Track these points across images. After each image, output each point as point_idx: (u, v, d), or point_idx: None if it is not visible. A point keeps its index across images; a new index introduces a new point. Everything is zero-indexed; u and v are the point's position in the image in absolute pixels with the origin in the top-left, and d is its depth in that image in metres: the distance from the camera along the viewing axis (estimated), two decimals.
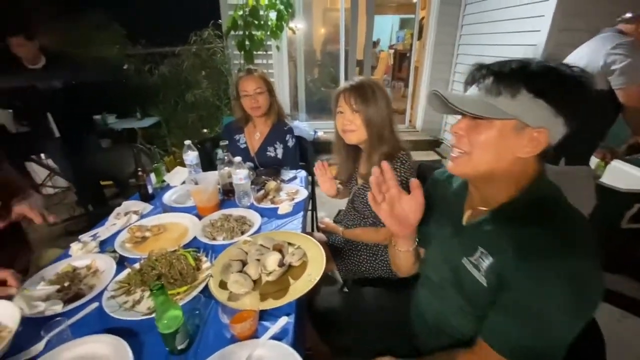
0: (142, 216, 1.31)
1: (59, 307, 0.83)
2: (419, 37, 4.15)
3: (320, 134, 3.86)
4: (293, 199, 1.39)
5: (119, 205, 1.38)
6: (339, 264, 1.36)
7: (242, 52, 3.27)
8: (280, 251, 0.98)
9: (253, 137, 1.74)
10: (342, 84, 1.22)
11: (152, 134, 3.92)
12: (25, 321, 0.77)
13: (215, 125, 3.87)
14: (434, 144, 4.05)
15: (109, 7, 3.89)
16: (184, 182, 1.59)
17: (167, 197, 1.43)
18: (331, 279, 1.78)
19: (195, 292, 0.88)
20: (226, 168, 1.41)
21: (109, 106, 3.71)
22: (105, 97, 3.51)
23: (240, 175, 1.29)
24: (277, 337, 0.75)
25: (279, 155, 1.72)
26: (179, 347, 0.72)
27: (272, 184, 1.45)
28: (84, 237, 1.14)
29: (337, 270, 1.37)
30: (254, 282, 0.91)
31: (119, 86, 3.75)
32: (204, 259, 1.01)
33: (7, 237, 0.96)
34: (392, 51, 7.24)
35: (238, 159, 1.30)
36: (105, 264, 1.01)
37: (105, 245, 1.13)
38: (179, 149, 3.77)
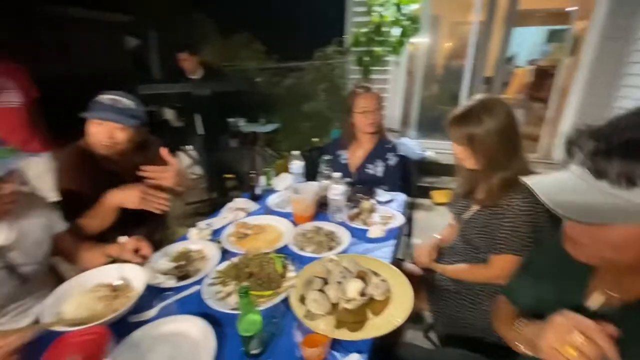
0: (249, 214, 1.45)
1: (172, 282, 0.98)
2: (572, 53, 3.45)
3: (429, 153, 3.61)
4: (387, 223, 1.32)
5: (238, 196, 1.59)
6: (432, 304, 1.21)
7: (361, 68, 3.36)
8: (363, 279, 0.93)
9: (355, 153, 1.75)
10: (461, 103, 1.11)
11: (271, 139, 4.40)
12: (147, 288, 0.94)
13: (325, 136, 4.08)
14: None
15: (254, 29, 4.59)
16: (286, 188, 1.71)
17: (271, 200, 1.56)
18: (418, 317, 1.61)
19: (277, 299, 0.91)
20: (325, 181, 1.45)
21: (241, 111, 4.35)
22: (239, 104, 4.13)
23: (337, 191, 1.30)
24: None
25: (379, 173, 1.67)
26: (252, 352, 0.75)
27: (366, 204, 1.41)
28: (201, 224, 1.33)
29: (429, 311, 1.23)
30: (333, 305, 0.88)
31: (252, 95, 4.36)
32: (290, 267, 1.04)
33: (150, 213, 1.19)
34: (531, 67, 6.25)
35: (337, 174, 1.31)
36: (212, 252, 1.15)
37: (215, 235, 1.29)
38: (289, 154, 4.12)
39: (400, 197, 1.57)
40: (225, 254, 1.15)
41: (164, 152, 1.25)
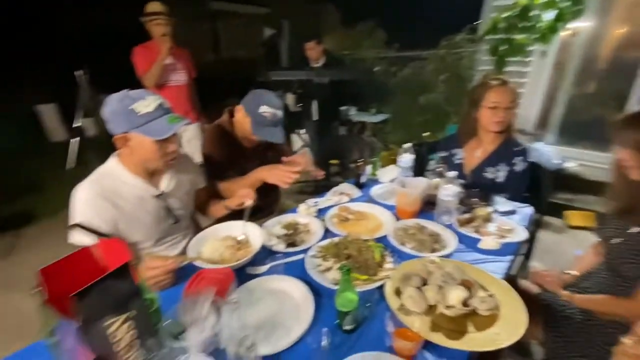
0: (351, 200, 1.50)
1: (282, 247, 1.11)
2: None
3: (570, 164, 2.98)
4: (504, 236, 1.17)
5: (338, 182, 1.67)
6: (548, 333, 1.04)
7: (495, 58, 2.97)
8: (468, 289, 0.86)
9: (473, 153, 1.56)
10: (630, 105, 0.90)
11: (378, 129, 4.37)
12: (262, 247, 1.08)
13: (438, 131, 3.81)
14: None
15: (378, 17, 4.54)
16: (392, 180, 1.69)
17: (375, 190, 1.57)
18: (524, 347, 1.40)
19: (371, 286, 0.93)
20: (436, 179, 1.37)
21: (354, 100, 4.42)
22: (354, 92, 4.20)
23: (449, 192, 1.21)
24: None
25: (499, 179, 1.47)
26: (345, 327, 0.79)
27: (481, 211, 1.27)
28: (309, 201, 1.45)
29: (542, 344, 1.06)
30: (429, 307, 0.85)
31: (367, 84, 4.38)
32: (388, 259, 1.05)
33: (271, 186, 1.38)
34: None
35: (453, 173, 1.22)
36: (317, 227, 1.24)
37: (320, 213, 1.38)
38: (396, 146, 4.02)
39: (526, 210, 1.36)
40: (327, 232, 1.22)
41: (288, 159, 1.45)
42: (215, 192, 1.44)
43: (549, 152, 2.95)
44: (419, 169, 1.74)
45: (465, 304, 0.83)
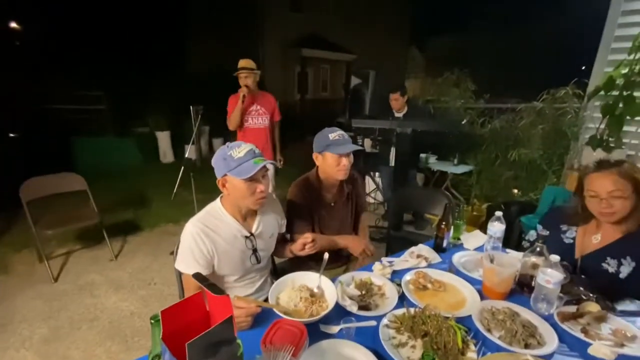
0: (429, 265, 1.42)
1: (355, 309, 1.10)
2: None
3: None
4: (622, 344, 0.96)
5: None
6: None
7: (607, 117, 2.62)
8: None
9: (590, 237, 1.32)
10: None
11: (460, 181, 4.12)
12: (336, 305, 1.09)
13: (531, 190, 3.43)
14: None
15: (467, 66, 4.46)
16: (477, 248, 1.56)
17: (457, 258, 1.46)
18: None
19: None
20: (533, 258, 1.22)
21: (434, 147, 4.29)
22: (436, 142, 4.09)
23: (551, 278, 1.06)
24: None
25: (622, 275, 1.20)
26: None
27: (592, 306, 1.07)
28: (384, 260, 1.42)
29: None
30: None
31: (448, 133, 4.24)
32: (472, 347, 0.94)
33: None
34: None
35: (556, 257, 1.07)
36: (391, 292, 1.20)
37: (395, 276, 1.34)
38: (479, 201, 3.71)
39: None
40: (403, 299, 1.17)
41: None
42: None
43: None
44: (506, 233, 1.56)
45: None
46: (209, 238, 1.18)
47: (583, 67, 3.14)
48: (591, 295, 1.13)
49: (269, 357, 0.77)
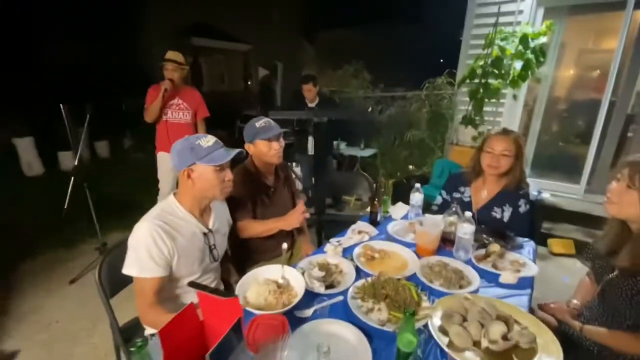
0: (371, 238, 1.59)
1: (322, 289, 1.16)
2: None
3: (545, 195, 3.28)
4: (518, 270, 1.29)
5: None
6: None
7: (472, 100, 3.30)
8: (506, 323, 0.95)
9: (480, 193, 1.71)
10: (594, 140, 1.05)
11: (368, 163, 4.57)
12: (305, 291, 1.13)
13: (423, 165, 4.06)
14: None
15: (362, 59, 4.92)
16: (403, 217, 1.80)
17: (390, 228, 1.67)
18: None
19: (417, 325, 1.00)
20: (451, 218, 1.49)
21: (343, 134, 4.64)
22: (345, 129, 4.42)
23: (466, 230, 1.33)
24: None
25: (505, 219, 1.62)
26: None
27: (495, 247, 1.40)
28: (333, 241, 1.52)
29: None
30: (474, 342, 0.92)
31: (357, 121, 4.63)
32: (424, 297, 1.12)
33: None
34: None
35: (469, 214, 1.35)
36: (348, 268, 1.31)
37: (345, 253, 1.45)
38: (386, 179, 4.21)
39: (530, 245, 1.50)
40: (359, 272, 1.29)
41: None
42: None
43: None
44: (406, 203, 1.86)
45: (505, 338, 0.91)
46: (169, 236, 1.09)
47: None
48: (490, 239, 1.48)
49: (265, 354, 0.76)
